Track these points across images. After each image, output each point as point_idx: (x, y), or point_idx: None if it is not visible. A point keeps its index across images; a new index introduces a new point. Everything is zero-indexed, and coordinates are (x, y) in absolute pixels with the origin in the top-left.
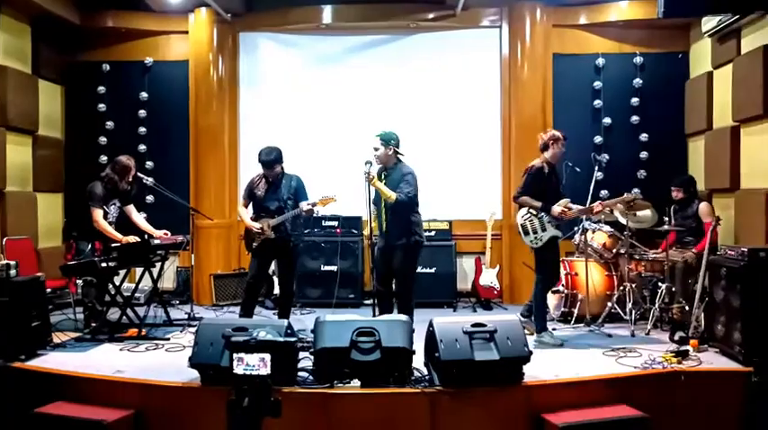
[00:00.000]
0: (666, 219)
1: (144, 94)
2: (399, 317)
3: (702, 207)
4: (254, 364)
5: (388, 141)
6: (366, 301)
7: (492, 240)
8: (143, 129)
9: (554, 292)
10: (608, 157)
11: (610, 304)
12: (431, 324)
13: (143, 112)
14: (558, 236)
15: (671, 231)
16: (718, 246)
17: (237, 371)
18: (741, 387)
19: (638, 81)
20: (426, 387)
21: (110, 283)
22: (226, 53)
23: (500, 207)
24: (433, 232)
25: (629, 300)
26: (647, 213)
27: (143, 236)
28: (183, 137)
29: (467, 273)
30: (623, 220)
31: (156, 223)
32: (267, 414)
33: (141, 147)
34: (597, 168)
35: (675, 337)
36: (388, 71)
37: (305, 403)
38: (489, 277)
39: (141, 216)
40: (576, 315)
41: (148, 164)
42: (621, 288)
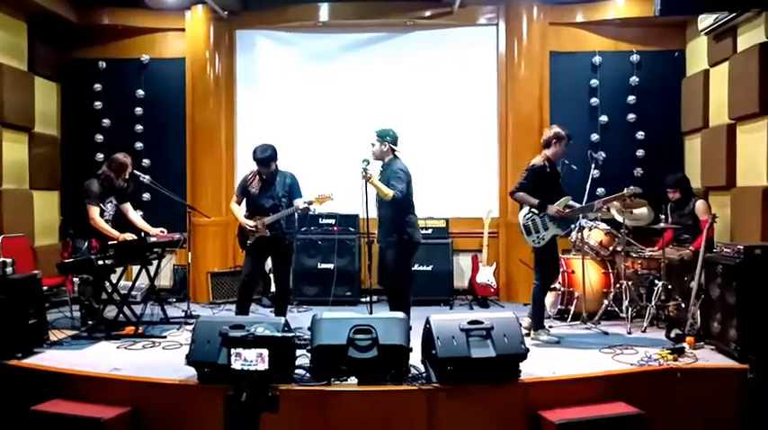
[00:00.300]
0: (663, 217)
1: (140, 92)
2: (396, 314)
3: (699, 205)
4: (251, 360)
5: (383, 137)
6: (363, 299)
7: (489, 238)
8: (139, 127)
9: (551, 290)
10: (604, 155)
11: (606, 302)
12: (428, 321)
13: (139, 110)
14: (559, 234)
15: (667, 229)
16: (714, 243)
17: (235, 366)
18: (737, 384)
19: (634, 79)
20: (423, 384)
21: (106, 281)
22: (222, 51)
23: (497, 205)
24: (429, 230)
25: (625, 297)
26: (643, 211)
27: (139, 233)
28: (180, 134)
29: (464, 270)
30: (620, 218)
31: (153, 221)
32: (265, 409)
33: (138, 145)
34: (594, 166)
35: (672, 335)
36: (385, 69)
37: (302, 400)
38: (486, 275)
39: (138, 214)
40: (573, 312)
41: (145, 161)
42: (618, 285)
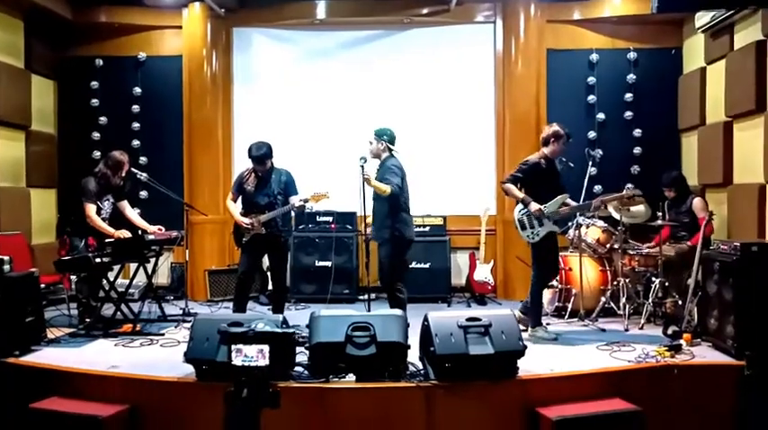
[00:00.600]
0: (660, 214)
1: (137, 90)
2: (394, 311)
3: (696, 202)
4: (252, 355)
5: (381, 136)
6: (361, 297)
7: (486, 235)
8: (136, 125)
9: (548, 287)
10: (601, 153)
11: (603, 299)
12: (426, 318)
13: (136, 108)
14: (556, 231)
15: (665, 226)
16: (711, 240)
17: (236, 362)
18: (734, 380)
19: (631, 76)
20: (421, 381)
21: (104, 279)
22: (219, 48)
23: (494, 202)
24: (427, 227)
25: (622, 294)
26: (640, 208)
27: (136, 231)
28: (177, 132)
29: (461, 268)
30: (617, 216)
31: (150, 219)
32: (266, 405)
33: (135, 143)
34: (591, 163)
35: (668, 332)
36: (382, 67)
37: (300, 398)
38: (483, 272)
39: (135, 211)
40: (570, 310)
41: (142, 159)
42: (615, 283)
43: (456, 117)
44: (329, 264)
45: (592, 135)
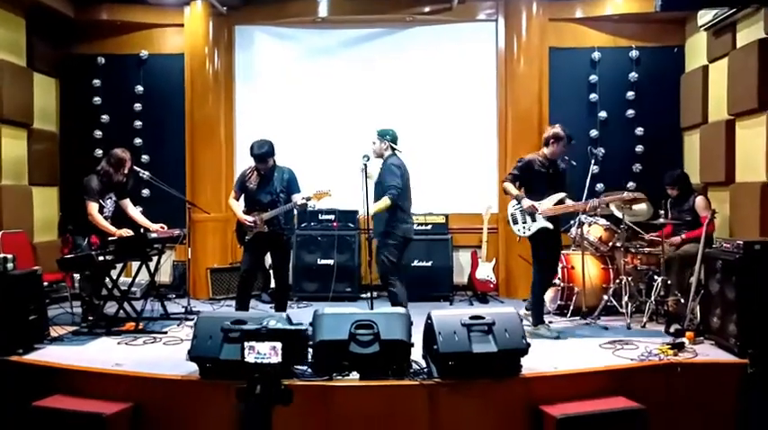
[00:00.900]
0: (662, 212)
1: (139, 88)
2: (397, 309)
3: (699, 201)
4: (265, 353)
5: (383, 136)
6: (363, 295)
7: (488, 234)
8: (138, 123)
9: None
10: (603, 151)
11: (606, 297)
12: (429, 316)
13: (138, 106)
14: (549, 227)
15: (667, 224)
16: (713, 239)
17: (249, 359)
18: (737, 378)
19: (633, 75)
20: (425, 379)
21: (107, 277)
22: (221, 46)
23: (496, 200)
24: (429, 226)
25: (625, 292)
26: (642, 207)
27: (138, 230)
28: (179, 130)
29: (463, 266)
30: (619, 214)
31: (152, 217)
32: (278, 402)
33: (137, 141)
34: (593, 162)
35: (671, 330)
36: (384, 65)
37: (304, 395)
38: (485, 271)
39: (137, 210)
40: (573, 308)
41: (144, 157)
42: (617, 281)
43: (458, 115)
44: (331, 262)
45: (594, 133)
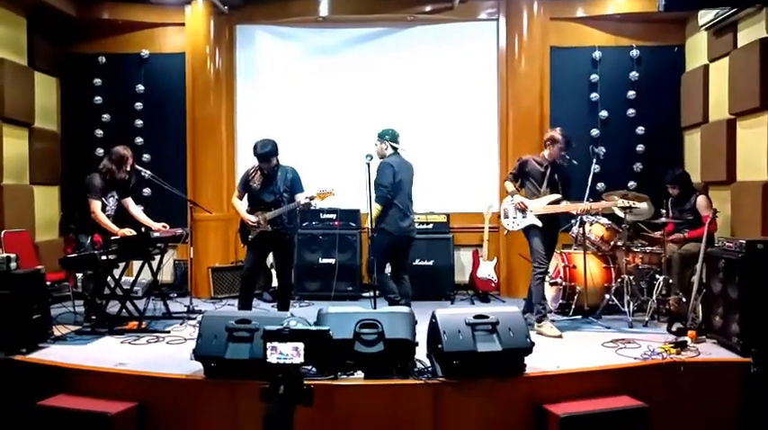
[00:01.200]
0: (664, 211)
1: (140, 87)
2: (401, 309)
3: (700, 200)
4: (287, 353)
5: (382, 136)
6: (365, 294)
7: (489, 233)
8: (140, 122)
9: (552, 285)
10: (604, 150)
11: (608, 296)
12: (434, 315)
13: (139, 105)
14: (537, 224)
15: (668, 223)
16: (714, 238)
17: (271, 359)
18: (740, 377)
19: (634, 74)
20: (429, 378)
21: (109, 276)
22: (223, 45)
23: (497, 199)
24: (430, 225)
25: (626, 292)
26: (643, 206)
27: (139, 229)
28: (180, 129)
29: (464, 265)
30: (620, 213)
31: (153, 216)
32: (301, 402)
33: (138, 140)
34: (595, 161)
35: (673, 329)
36: (385, 64)
37: None
38: (487, 269)
39: (139, 208)
40: (575, 307)
41: (145, 156)
42: (619, 280)
43: (459, 114)
44: (333, 261)
45: (595, 132)
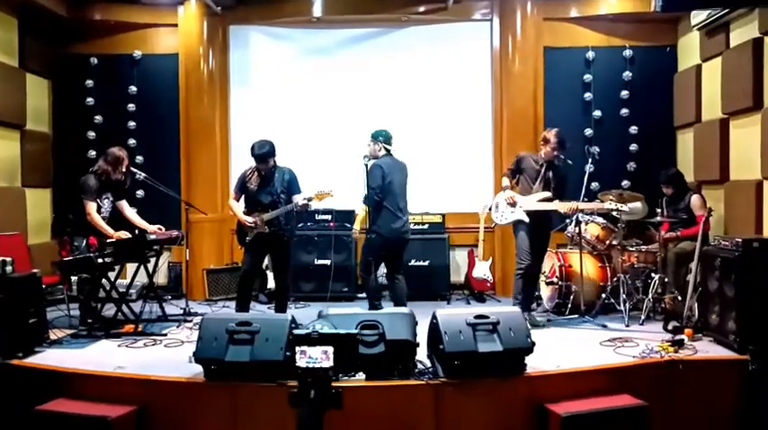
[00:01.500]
0: (659, 210)
1: (133, 88)
2: (402, 309)
3: (695, 200)
4: (316, 357)
5: (376, 137)
6: (360, 295)
7: (485, 233)
8: (132, 124)
9: (548, 284)
10: (598, 150)
11: (603, 295)
12: (434, 316)
13: (132, 106)
14: (525, 221)
15: (664, 222)
16: (708, 237)
17: (300, 364)
18: (737, 374)
19: (627, 74)
20: (430, 378)
21: (105, 279)
22: (216, 46)
23: (492, 199)
24: (426, 225)
25: (622, 290)
26: (637, 205)
27: (133, 231)
28: (174, 131)
29: (460, 265)
30: (615, 213)
31: (146, 218)
32: (331, 406)
33: (131, 142)
34: (591, 160)
35: (669, 327)
36: (379, 64)
37: None
38: (482, 269)
39: (133, 211)
40: (571, 306)
41: (138, 158)
42: (615, 279)
43: (453, 114)
44: (328, 262)
45: (588, 132)
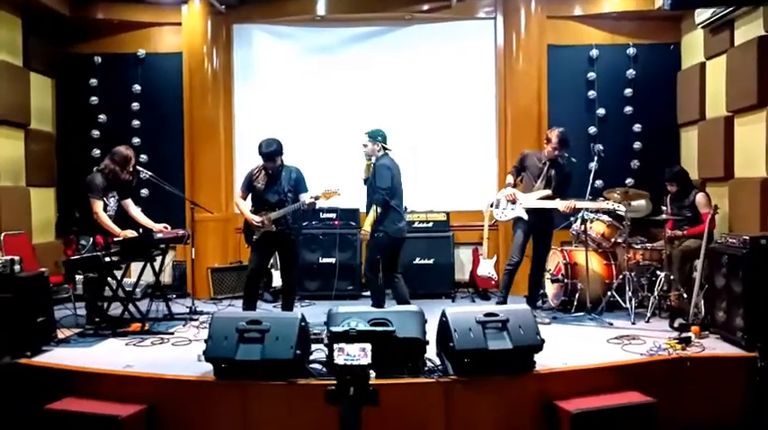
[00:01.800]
0: (664, 208)
1: (137, 87)
2: (412, 308)
3: (700, 197)
4: (354, 354)
5: (375, 137)
6: (364, 293)
7: (489, 231)
8: (136, 122)
9: (553, 282)
10: (602, 148)
11: (609, 293)
12: (444, 314)
13: (136, 105)
14: (524, 218)
15: (668, 220)
16: (713, 234)
17: (338, 361)
18: (745, 371)
19: (631, 72)
20: (440, 376)
21: (111, 278)
22: (220, 45)
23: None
24: (430, 223)
25: (627, 288)
26: (641, 203)
27: (139, 230)
28: (178, 130)
29: (464, 263)
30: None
31: (151, 217)
32: (368, 402)
33: (135, 141)
34: (596, 159)
35: (675, 324)
36: (383, 62)
37: (319, 394)
38: (487, 267)
39: (139, 209)
40: (576, 303)
41: (143, 157)
42: (620, 277)
43: (457, 113)
44: (333, 260)
45: (592, 130)
